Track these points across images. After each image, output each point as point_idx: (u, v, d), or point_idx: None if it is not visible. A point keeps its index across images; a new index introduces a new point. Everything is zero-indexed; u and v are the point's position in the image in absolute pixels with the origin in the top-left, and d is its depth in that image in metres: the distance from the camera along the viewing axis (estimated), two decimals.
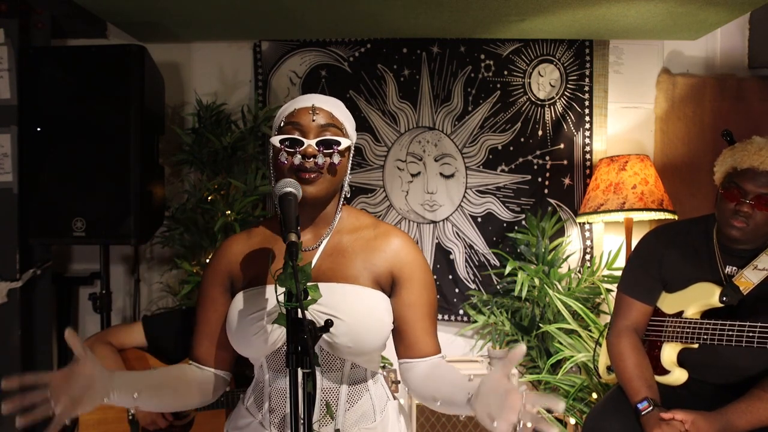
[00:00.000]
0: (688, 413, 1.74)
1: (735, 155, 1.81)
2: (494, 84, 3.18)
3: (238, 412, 1.48)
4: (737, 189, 1.78)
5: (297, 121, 1.33)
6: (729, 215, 1.79)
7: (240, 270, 1.41)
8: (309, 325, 1.11)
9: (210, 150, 2.96)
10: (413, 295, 1.38)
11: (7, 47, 2.65)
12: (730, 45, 3.21)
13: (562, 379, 2.74)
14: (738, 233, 1.78)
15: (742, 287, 1.79)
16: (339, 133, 1.35)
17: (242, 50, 3.23)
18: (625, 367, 1.88)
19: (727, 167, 1.84)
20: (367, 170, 3.20)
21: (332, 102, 1.39)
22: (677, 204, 2.95)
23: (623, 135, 3.23)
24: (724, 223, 1.81)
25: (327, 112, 1.35)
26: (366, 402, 1.40)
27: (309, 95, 1.38)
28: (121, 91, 2.60)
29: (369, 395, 1.41)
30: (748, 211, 1.75)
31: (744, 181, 1.77)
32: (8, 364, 2.65)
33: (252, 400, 1.44)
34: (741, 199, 1.76)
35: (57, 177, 2.59)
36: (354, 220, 1.45)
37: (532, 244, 3.03)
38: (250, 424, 1.41)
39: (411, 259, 1.40)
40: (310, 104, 1.34)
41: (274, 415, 1.37)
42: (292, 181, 1.28)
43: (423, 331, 1.39)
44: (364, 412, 1.39)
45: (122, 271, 3.24)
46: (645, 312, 1.96)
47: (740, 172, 1.78)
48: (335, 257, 1.37)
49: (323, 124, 1.33)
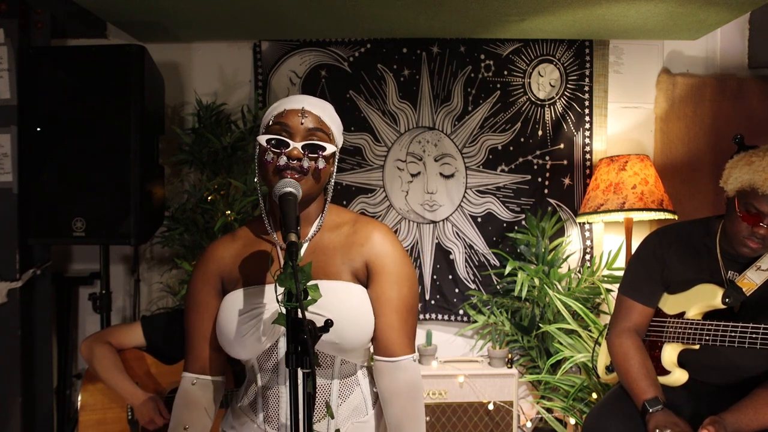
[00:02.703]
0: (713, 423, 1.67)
1: (754, 174, 1.70)
2: (494, 84, 3.18)
3: (232, 411, 1.48)
4: (756, 212, 1.72)
5: (285, 122, 1.34)
6: (744, 235, 1.75)
7: (230, 272, 1.41)
8: (309, 325, 1.11)
9: (210, 150, 2.96)
10: (381, 287, 1.37)
11: (7, 47, 2.65)
12: (730, 45, 3.21)
13: (562, 379, 2.74)
14: (751, 252, 1.76)
15: (745, 288, 1.78)
16: (326, 138, 1.36)
17: (242, 50, 3.23)
18: (629, 368, 1.87)
19: (744, 184, 1.73)
20: (367, 170, 3.20)
21: (322, 106, 1.39)
22: (677, 204, 2.95)
23: (623, 135, 3.23)
24: (738, 242, 1.77)
25: (316, 116, 1.36)
26: (357, 396, 1.42)
27: (300, 96, 1.39)
28: (121, 91, 2.60)
29: (360, 389, 1.43)
30: (765, 234, 1.72)
31: (762, 204, 1.70)
32: (8, 364, 2.65)
33: (245, 401, 1.44)
34: (760, 223, 1.71)
35: (57, 177, 2.59)
36: (335, 217, 1.45)
37: (532, 244, 3.03)
38: (245, 424, 1.42)
39: (385, 252, 1.38)
40: (300, 106, 1.35)
41: (270, 414, 1.38)
42: (291, 181, 1.29)
43: (387, 326, 1.37)
44: (356, 406, 1.42)
45: (122, 271, 3.24)
46: (646, 314, 1.96)
47: (759, 195, 1.70)
48: (318, 255, 1.38)
49: (311, 127, 1.34)
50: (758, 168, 1.69)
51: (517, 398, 2.88)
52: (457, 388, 2.83)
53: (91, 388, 2.30)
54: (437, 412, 2.82)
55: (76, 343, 3.23)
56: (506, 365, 2.90)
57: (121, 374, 2.22)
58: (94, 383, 2.31)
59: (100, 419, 2.29)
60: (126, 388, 2.22)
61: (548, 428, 2.90)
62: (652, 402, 1.77)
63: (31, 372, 2.76)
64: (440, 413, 2.82)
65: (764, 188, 1.68)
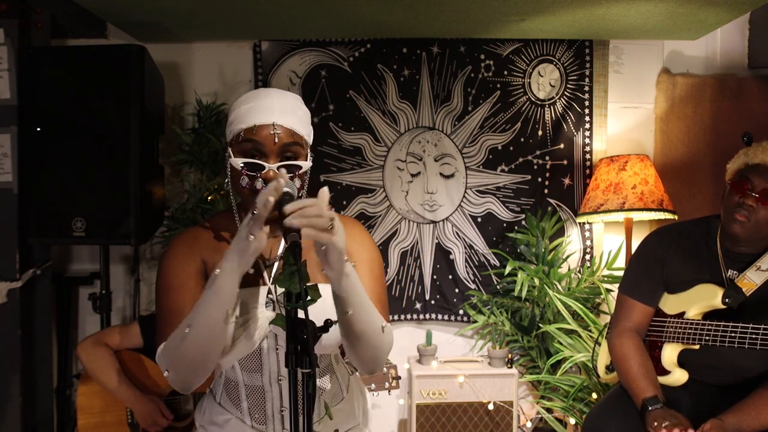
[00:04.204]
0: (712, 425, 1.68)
1: (748, 152, 1.81)
2: (494, 84, 3.18)
3: (211, 407, 1.48)
4: (746, 181, 1.76)
5: (257, 140, 1.28)
6: (733, 207, 1.77)
7: (211, 259, 1.36)
8: (309, 325, 1.10)
9: (210, 150, 2.96)
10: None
11: (6, 47, 2.65)
12: (730, 45, 3.21)
13: (562, 379, 2.74)
14: (739, 228, 1.76)
15: (745, 288, 1.78)
16: (300, 149, 1.32)
17: (242, 50, 3.22)
18: (629, 367, 1.88)
19: (740, 164, 1.82)
20: (367, 170, 3.20)
21: (292, 110, 1.32)
22: (677, 204, 2.95)
23: (623, 135, 3.23)
24: (728, 217, 1.79)
25: (288, 130, 1.30)
26: (334, 383, 1.49)
27: (267, 103, 1.30)
28: (121, 91, 2.60)
29: (336, 376, 1.50)
30: (752, 205, 1.73)
31: (753, 175, 1.76)
32: (8, 364, 2.65)
33: (225, 396, 1.45)
34: (747, 192, 1.75)
35: (57, 177, 2.59)
36: None
37: (532, 244, 3.03)
38: (229, 420, 1.44)
39: (351, 238, 1.34)
40: (271, 121, 1.29)
41: (254, 411, 1.41)
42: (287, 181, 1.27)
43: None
44: (334, 392, 1.49)
45: (122, 271, 3.24)
46: (646, 313, 1.96)
47: (751, 166, 1.77)
48: None
49: (285, 143, 1.29)
50: (753, 147, 1.81)
51: (517, 398, 2.89)
52: (457, 388, 2.83)
53: (86, 391, 2.29)
54: (437, 412, 2.82)
55: (76, 343, 3.22)
56: (506, 365, 2.90)
57: (120, 377, 2.21)
58: (89, 386, 2.29)
59: (98, 422, 2.28)
60: (125, 391, 2.20)
61: (548, 428, 2.90)
62: (651, 401, 1.77)
63: (31, 372, 2.76)
64: (440, 413, 2.82)
65: (754, 159, 1.76)
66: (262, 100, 1.32)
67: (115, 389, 2.20)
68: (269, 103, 1.31)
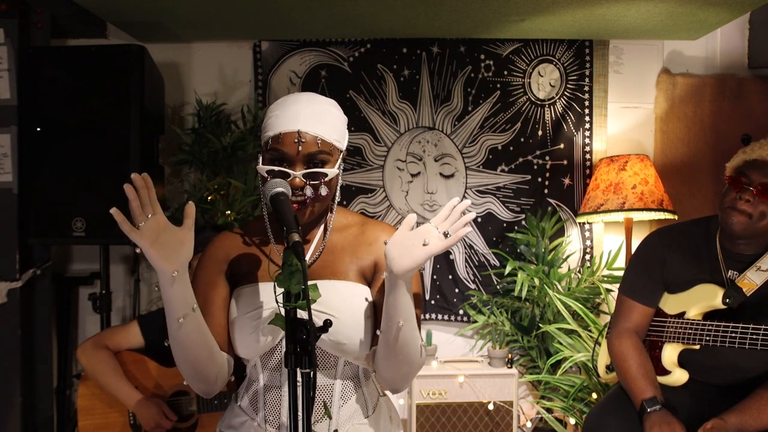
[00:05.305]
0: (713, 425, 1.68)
1: (746, 149, 1.81)
2: (494, 84, 3.18)
3: (231, 411, 1.47)
4: (743, 177, 1.76)
5: (282, 150, 1.29)
6: (730, 203, 1.77)
7: (237, 263, 1.40)
8: (308, 325, 1.10)
9: (210, 150, 2.96)
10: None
11: (6, 47, 2.65)
12: (730, 45, 3.21)
13: (562, 379, 2.74)
14: (737, 224, 1.75)
15: (745, 288, 1.78)
16: (327, 158, 1.33)
17: (242, 50, 3.23)
18: (628, 368, 1.87)
19: (738, 161, 1.82)
20: (367, 170, 3.20)
21: (320, 117, 1.33)
22: (677, 204, 2.95)
23: (623, 135, 3.23)
24: (725, 214, 1.78)
25: (313, 138, 1.30)
26: (359, 398, 1.42)
27: (294, 111, 1.31)
28: (121, 91, 2.60)
29: (362, 391, 1.43)
30: (749, 199, 1.73)
31: (751, 170, 1.75)
32: (8, 364, 2.65)
33: (246, 400, 1.44)
34: (745, 186, 1.74)
35: (57, 177, 2.59)
36: (342, 218, 1.46)
37: (532, 244, 3.03)
38: (245, 423, 1.41)
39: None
40: (296, 129, 1.29)
41: (271, 414, 1.38)
42: (280, 181, 1.28)
43: None
44: (357, 408, 1.41)
45: (122, 271, 3.24)
46: (646, 314, 1.95)
47: (749, 162, 1.77)
48: (325, 255, 1.39)
49: (310, 152, 1.30)
50: (751, 145, 1.81)
51: (517, 398, 2.88)
52: (457, 388, 2.83)
53: (87, 393, 2.28)
54: (437, 412, 2.82)
55: (76, 343, 3.22)
56: (506, 365, 2.90)
57: (121, 379, 2.20)
58: (89, 387, 2.28)
59: (100, 424, 2.27)
60: (126, 393, 2.20)
61: (548, 428, 2.90)
62: (650, 402, 1.78)
63: (31, 372, 2.76)
64: (440, 413, 2.82)
65: (752, 155, 1.76)
66: (290, 107, 1.32)
67: (116, 392, 2.19)
68: (296, 110, 1.31)
